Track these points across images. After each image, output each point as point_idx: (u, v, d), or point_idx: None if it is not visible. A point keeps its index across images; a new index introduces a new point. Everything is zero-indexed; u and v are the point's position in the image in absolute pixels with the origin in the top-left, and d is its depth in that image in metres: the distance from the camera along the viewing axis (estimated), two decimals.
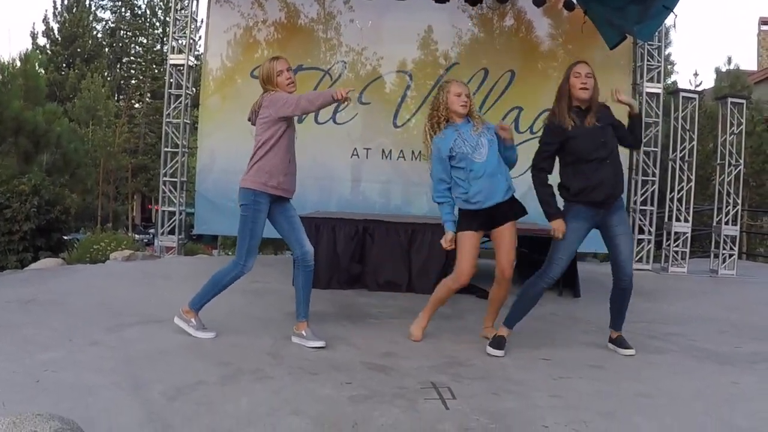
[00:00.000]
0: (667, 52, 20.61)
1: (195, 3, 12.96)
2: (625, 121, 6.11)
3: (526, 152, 12.83)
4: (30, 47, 41.52)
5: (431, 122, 6.19)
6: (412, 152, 12.50)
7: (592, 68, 6.00)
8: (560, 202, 6.00)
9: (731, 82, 23.00)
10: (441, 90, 6.22)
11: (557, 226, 5.81)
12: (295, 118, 6.00)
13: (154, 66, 47.97)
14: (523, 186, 12.63)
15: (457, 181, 6.05)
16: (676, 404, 4.49)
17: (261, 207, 5.76)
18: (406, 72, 12.88)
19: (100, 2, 51.74)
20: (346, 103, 5.62)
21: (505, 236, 6.12)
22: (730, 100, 13.12)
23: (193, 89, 13.09)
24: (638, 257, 12.67)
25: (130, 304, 7.25)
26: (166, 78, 12.92)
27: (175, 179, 12.63)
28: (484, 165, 5.95)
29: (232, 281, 5.91)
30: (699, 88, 22.81)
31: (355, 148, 12.81)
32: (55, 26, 45.41)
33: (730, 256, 12.71)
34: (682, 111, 12.79)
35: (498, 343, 5.89)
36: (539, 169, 6.02)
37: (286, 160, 5.80)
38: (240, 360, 5.12)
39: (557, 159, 6.03)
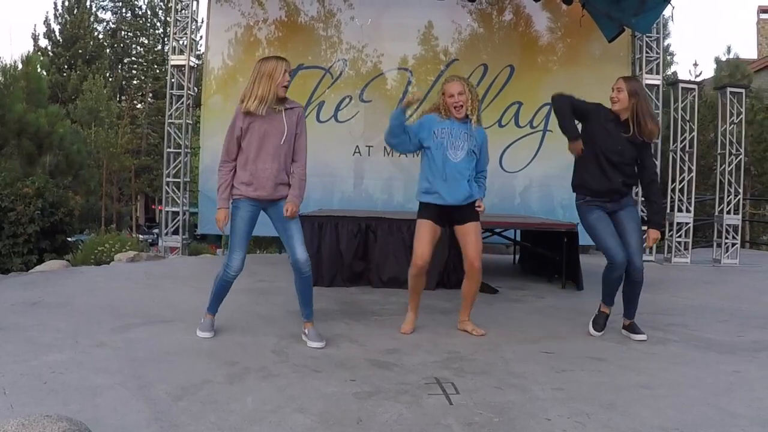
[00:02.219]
0: (665, 44, 20.66)
1: (195, 3, 13.01)
2: None
3: (527, 146, 12.97)
4: (31, 49, 41.62)
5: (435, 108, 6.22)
6: None
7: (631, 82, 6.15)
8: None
9: (731, 72, 23.00)
10: (440, 92, 6.24)
11: (574, 147, 6.12)
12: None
13: (156, 66, 48.01)
14: (524, 180, 12.76)
15: (425, 170, 6.16)
16: (677, 394, 4.52)
17: (236, 208, 5.85)
18: (407, 69, 12.91)
19: (101, 3, 51.82)
20: None
21: (470, 231, 6.17)
22: (729, 89, 13.16)
23: (195, 89, 13.13)
24: None
25: (135, 305, 7.28)
26: (168, 79, 12.99)
27: (179, 179, 12.69)
28: (454, 166, 6.02)
29: (223, 280, 5.91)
30: (699, 79, 22.87)
31: (357, 146, 12.88)
32: (56, 28, 45.45)
33: (733, 245, 12.77)
34: (682, 102, 12.86)
35: (598, 322, 6.42)
36: (567, 96, 6.20)
37: (242, 163, 5.80)
38: (245, 358, 5.16)
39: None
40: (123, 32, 51.52)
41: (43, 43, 44.78)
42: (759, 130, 21.11)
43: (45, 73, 23.35)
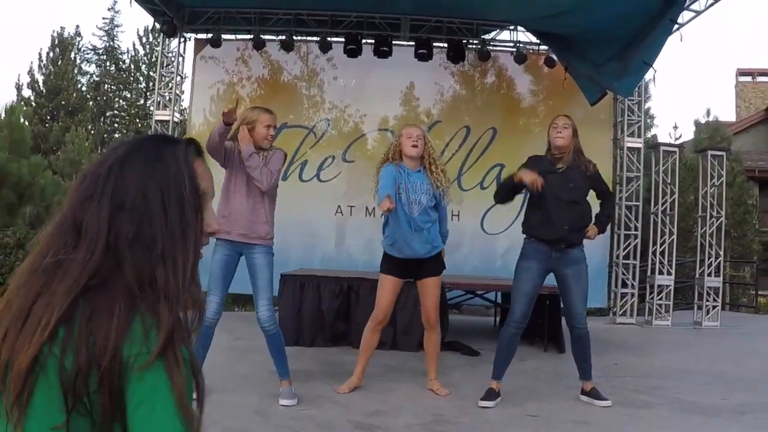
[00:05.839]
0: (646, 107, 20.83)
1: (181, 59, 13.07)
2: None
3: (509, 208, 12.87)
4: (15, 99, 41.59)
5: (387, 153, 6.34)
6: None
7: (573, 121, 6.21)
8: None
9: (711, 134, 23.22)
10: (395, 135, 6.47)
11: (523, 175, 5.90)
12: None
13: (138, 120, 48.03)
14: (506, 242, 12.69)
15: (389, 220, 6.19)
16: None
17: (214, 252, 5.82)
18: (388, 129, 12.93)
19: (85, 55, 51.96)
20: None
21: (429, 286, 6.27)
22: (710, 152, 13.32)
23: None
24: (622, 311, 12.73)
25: None
26: (150, 133, 12.98)
27: None
28: (414, 220, 6.06)
29: (202, 329, 5.82)
30: (679, 141, 23.09)
31: (339, 206, 12.83)
32: (40, 78, 45.46)
33: (714, 307, 12.79)
34: (663, 164, 12.94)
35: (488, 395, 5.97)
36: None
37: (223, 198, 5.85)
38: (226, 418, 5.10)
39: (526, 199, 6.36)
40: (106, 85, 51.62)
41: (27, 93, 44.80)
42: (739, 193, 21.30)
43: (28, 123, 23.33)
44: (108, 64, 52.84)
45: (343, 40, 12.57)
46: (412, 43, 12.70)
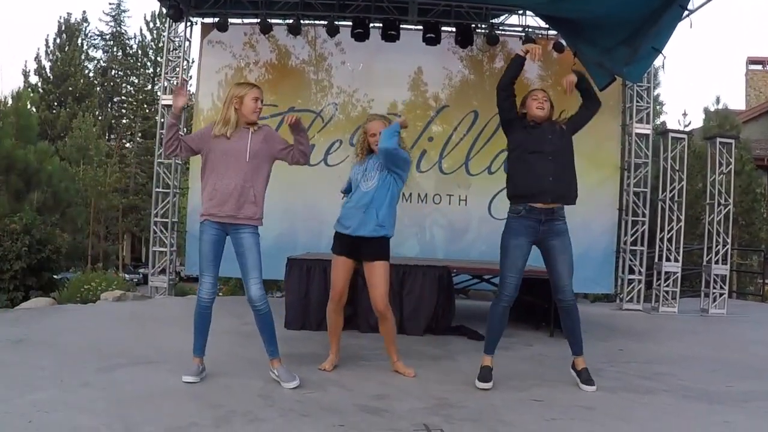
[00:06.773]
0: (656, 93, 20.77)
1: (187, 43, 13.04)
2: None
3: None
4: (22, 85, 41.62)
5: (356, 149, 6.76)
6: (402, 194, 12.48)
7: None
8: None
9: (720, 122, 23.07)
10: (361, 130, 6.68)
11: (529, 47, 6.41)
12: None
13: (146, 106, 47.98)
14: None
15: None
16: None
17: (201, 232, 5.85)
18: (397, 114, 12.87)
19: (92, 41, 51.91)
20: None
21: (375, 272, 6.30)
22: (718, 139, 13.24)
23: (185, 129, 13.12)
24: (629, 297, 12.71)
25: (121, 345, 7.22)
26: (158, 118, 12.99)
27: (166, 220, 12.65)
28: (364, 195, 6.25)
29: (198, 307, 5.87)
30: (688, 128, 22.93)
31: None
32: (47, 65, 45.44)
33: (720, 295, 12.74)
34: (672, 151, 12.89)
35: (484, 375, 5.96)
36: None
37: (207, 182, 5.85)
38: (232, 402, 5.10)
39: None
40: (113, 71, 51.54)
41: (34, 79, 44.78)
42: (747, 181, 21.20)
43: (35, 109, 23.35)
44: (115, 49, 52.74)
45: (350, 23, 12.56)
46: (420, 27, 12.68)
